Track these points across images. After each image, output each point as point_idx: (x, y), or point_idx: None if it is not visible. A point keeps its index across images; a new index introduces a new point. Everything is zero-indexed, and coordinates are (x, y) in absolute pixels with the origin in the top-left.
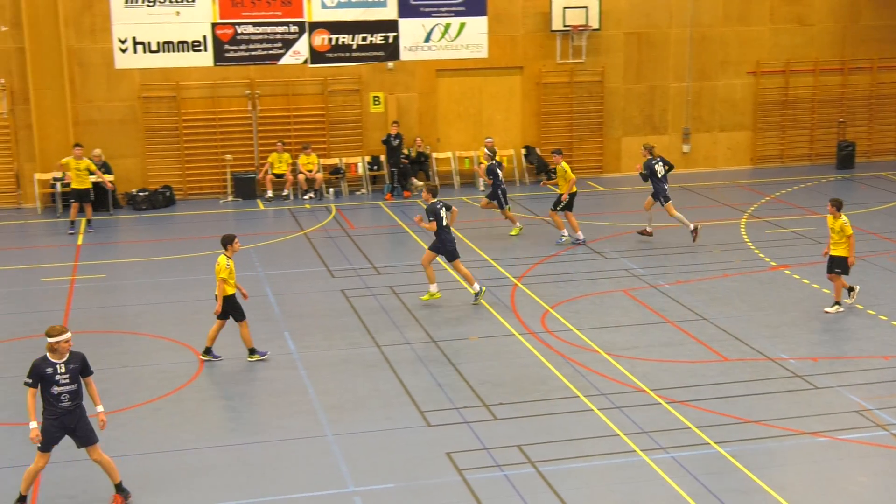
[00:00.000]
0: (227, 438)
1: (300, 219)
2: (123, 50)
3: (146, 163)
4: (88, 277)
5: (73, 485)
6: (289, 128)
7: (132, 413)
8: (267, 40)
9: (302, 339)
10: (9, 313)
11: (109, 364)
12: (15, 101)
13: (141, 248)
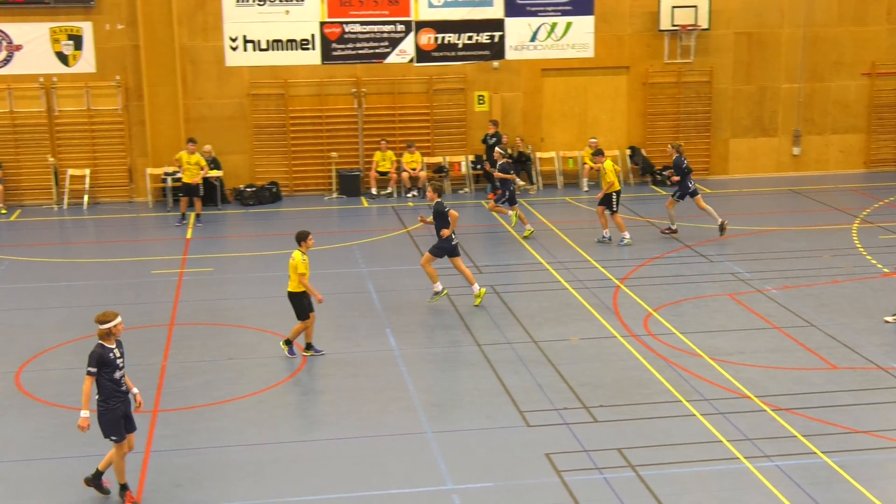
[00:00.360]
0: (327, 432)
1: (403, 216)
2: (234, 48)
3: (254, 159)
4: (196, 271)
5: (179, 473)
6: (393, 126)
7: (236, 405)
8: (374, 39)
9: (403, 336)
10: (120, 304)
11: (215, 356)
12: (129, 97)
13: (247, 243)
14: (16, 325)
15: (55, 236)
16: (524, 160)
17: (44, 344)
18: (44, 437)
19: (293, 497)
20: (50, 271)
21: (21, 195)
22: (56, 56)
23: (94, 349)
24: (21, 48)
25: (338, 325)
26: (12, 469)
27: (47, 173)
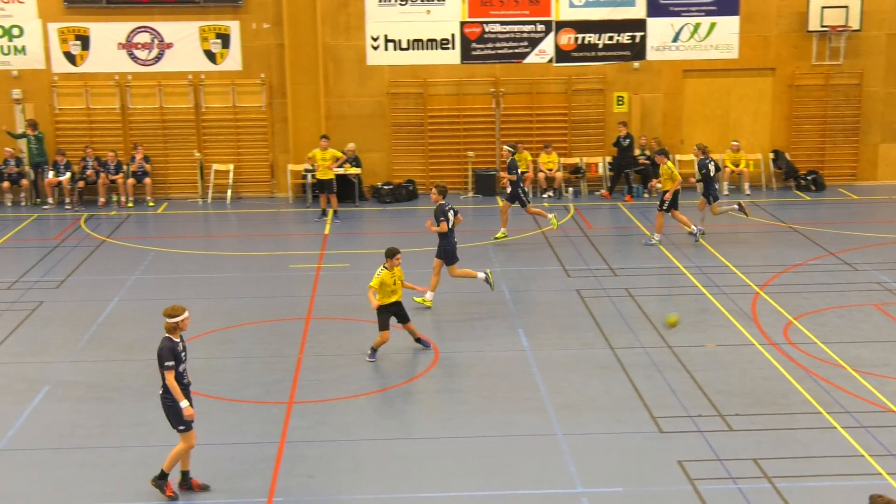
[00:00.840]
0: (457, 430)
1: (538, 217)
2: (375, 47)
3: (391, 157)
4: (333, 266)
5: (313, 464)
6: (531, 126)
7: (368, 399)
8: (513, 39)
9: (535, 336)
10: (259, 297)
11: (349, 350)
12: (273, 95)
13: (384, 240)
14: (160, 315)
15: (199, 229)
16: None
17: (186, 333)
18: None
19: (423, 493)
20: (193, 263)
21: (168, 189)
22: (204, 54)
23: (163, 343)
24: (171, 46)
25: (471, 324)
26: (155, 453)
27: (193, 168)
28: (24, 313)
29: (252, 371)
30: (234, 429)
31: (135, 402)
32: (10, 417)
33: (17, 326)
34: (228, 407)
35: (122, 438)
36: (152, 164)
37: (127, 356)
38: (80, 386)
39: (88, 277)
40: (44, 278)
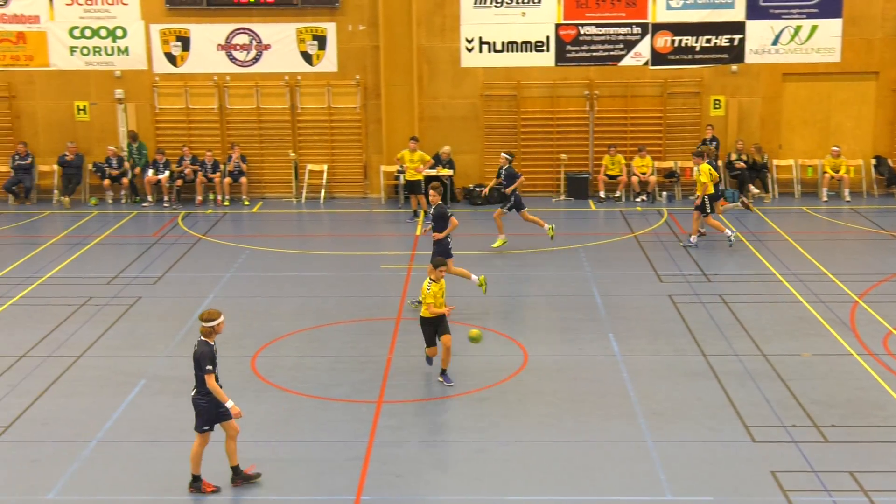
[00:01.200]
0: (545, 434)
1: (631, 221)
2: (469, 49)
3: (484, 159)
4: (424, 267)
5: (401, 464)
6: (625, 129)
7: (458, 400)
8: (609, 41)
9: (626, 341)
10: (350, 296)
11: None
12: (367, 96)
13: (475, 242)
14: (253, 312)
15: (293, 228)
16: (759, 168)
17: (278, 331)
18: (275, 420)
19: (510, 496)
20: (286, 262)
21: (263, 188)
22: (301, 55)
23: (199, 347)
24: (269, 48)
25: (561, 327)
26: (246, 448)
27: (288, 168)
28: (122, 308)
29: (342, 370)
30: (324, 427)
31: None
32: (108, 410)
33: (116, 321)
34: (318, 405)
35: (214, 433)
36: (248, 163)
37: (221, 352)
38: (176, 380)
39: (185, 274)
40: (142, 274)
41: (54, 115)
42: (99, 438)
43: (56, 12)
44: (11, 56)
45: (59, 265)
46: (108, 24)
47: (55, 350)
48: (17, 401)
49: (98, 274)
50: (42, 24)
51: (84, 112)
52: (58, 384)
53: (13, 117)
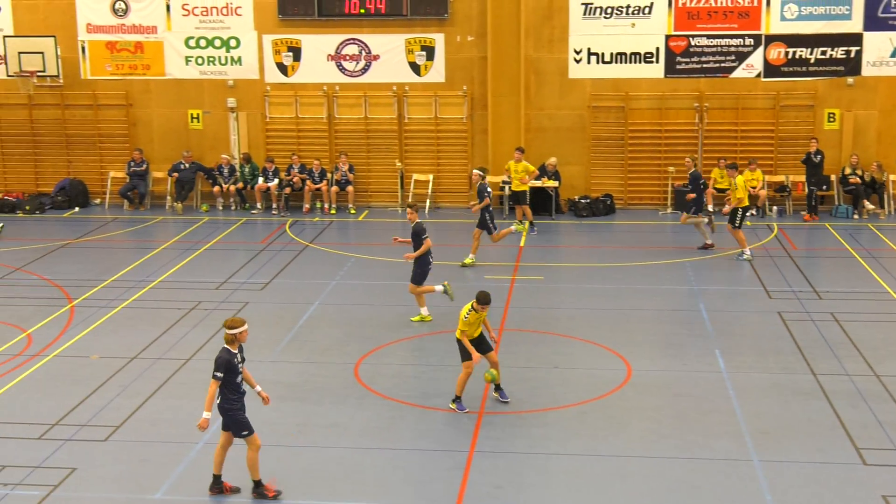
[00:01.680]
0: (648, 450)
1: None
2: (577, 60)
3: (590, 171)
4: (527, 278)
5: (501, 475)
6: (735, 142)
7: (559, 413)
8: (720, 53)
9: (733, 358)
10: (450, 305)
11: (540, 363)
12: (474, 107)
13: (579, 254)
14: (358, 320)
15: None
16: (875, 184)
17: (382, 339)
18: (377, 428)
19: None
20: (390, 270)
21: (369, 197)
22: (409, 66)
23: (220, 354)
24: (378, 58)
25: (666, 342)
26: (347, 454)
27: (394, 177)
28: (230, 313)
29: (444, 379)
30: (424, 435)
31: (330, 404)
32: (215, 413)
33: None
34: (420, 414)
35: (317, 438)
36: (355, 172)
37: (325, 359)
38: (280, 385)
39: (291, 281)
40: (250, 280)
41: (169, 123)
42: (205, 440)
43: (173, 23)
44: (130, 65)
45: (171, 270)
46: (222, 35)
47: (165, 353)
48: (127, 401)
49: (207, 279)
50: (159, 35)
51: (197, 120)
52: (167, 386)
53: (130, 125)
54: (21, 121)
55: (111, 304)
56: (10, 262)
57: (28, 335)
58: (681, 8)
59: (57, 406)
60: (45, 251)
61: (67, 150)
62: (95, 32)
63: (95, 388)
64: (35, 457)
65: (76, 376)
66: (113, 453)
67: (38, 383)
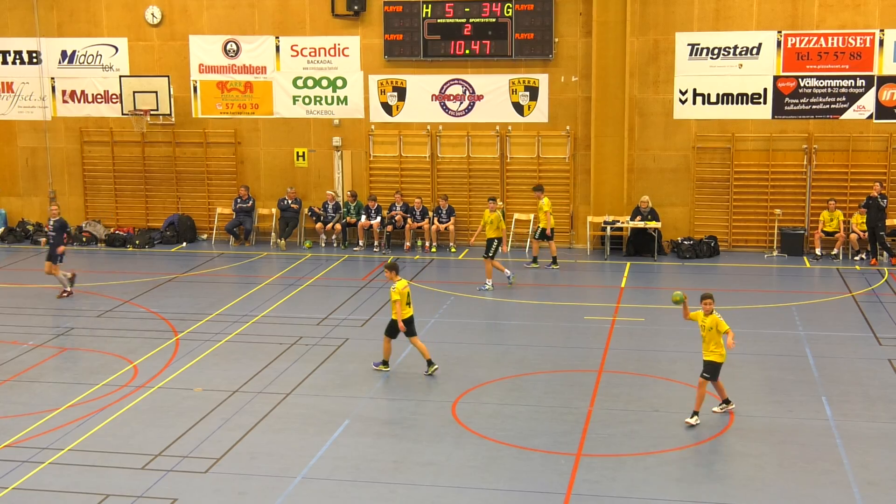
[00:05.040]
0: (751, 498)
1: (849, 280)
2: (683, 101)
3: (694, 212)
4: (628, 319)
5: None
6: (845, 184)
7: (658, 458)
8: (830, 94)
9: (840, 406)
10: (552, 346)
11: (640, 406)
12: (577, 146)
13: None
14: (456, 358)
15: (497, 276)
16: None
17: (480, 378)
18: (473, 467)
19: None
20: (490, 309)
21: (470, 236)
22: (513, 106)
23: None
24: (482, 98)
25: (770, 388)
26: (444, 493)
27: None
28: (330, 349)
29: (541, 420)
30: (521, 476)
31: (427, 442)
32: (313, 448)
33: (324, 361)
34: (517, 454)
35: (413, 476)
36: (456, 212)
37: (423, 396)
38: (378, 422)
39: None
40: (350, 316)
41: (275, 160)
42: (303, 475)
43: (282, 63)
44: (239, 104)
45: (273, 305)
46: (329, 75)
47: (266, 387)
48: (228, 434)
49: (309, 315)
50: (268, 75)
51: (303, 158)
52: (267, 420)
53: (238, 162)
54: (134, 158)
55: (215, 337)
56: (119, 295)
57: (134, 367)
58: (790, 49)
59: (160, 437)
60: (153, 285)
61: (177, 187)
62: (207, 72)
63: (198, 420)
64: (138, 486)
65: (180, 408)
66: (213, 485)
67: (142, 414)
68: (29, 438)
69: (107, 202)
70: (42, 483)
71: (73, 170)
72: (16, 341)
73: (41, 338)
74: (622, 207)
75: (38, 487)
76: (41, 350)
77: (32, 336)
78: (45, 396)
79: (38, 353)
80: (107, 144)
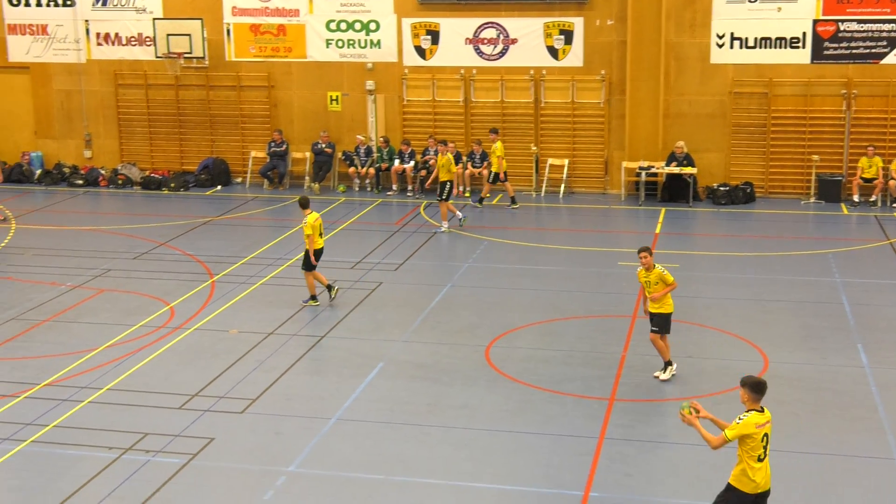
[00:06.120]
0: (785, 444)
1: (887, 227)
2: (720, 45)
3: (729, 158)
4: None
5: (631, 463)
6: (884, 130)
7: None
8: (871, 38)
9: (876, 353)
10: (585, 292)
11: (674, 352)
12: (612, 91)
13: (716, 242)
14: (488, 303)
15: (531, 221)
16: None
17: (512, 322)
18: (506, 411)
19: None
20: (523, 254)
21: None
22: (547, 50)
23: None
24: (516, 42)
25: (806, 335)
26: (476, 436)
27: (529, 161)
28: (364, 293)
29: (574, 364)
30: (554, 420)
31: (461, 386)
32: (347, 390)
33: (357, 305)
34: (550, 398)
35: (446, 419)
36: (488, 160)
37: (456, 340)
38: (411, 365)
39: (425, 262)
40: (384, 261)
41: (309, 104)
42: (338, 416)
43: (315, 6)
44: (272, 48)
45: None
46: (362, 18)
47: (300, 329)
48: (263, 376)
49: (343, 258)
50: (301, 18)
51: (336, 102)
52: (301, 362)
53: (271, 106)
54: (168, 101)
55: (250, 280)
56: (155, 238)
57: (171, 308)
58: None
59: (197, 378)
60: (188, 227)
61: (211, 130)
62: (240, 15)
63: (233, 361)
64: (175, 426)
65: (215, 349)
66: (249, 425)
67: (179, 355)
68: (69, 377)
69: (142, 145)
70: (82, 421)
71: (108, 113)
72: (54, 282)
73: (79, 279)
74: (657, 153)
75: (79, 425)
76: (79, 291)
77: (70, 277)
78: (84, 336)
79: (76, 293)
80: (141, 87)
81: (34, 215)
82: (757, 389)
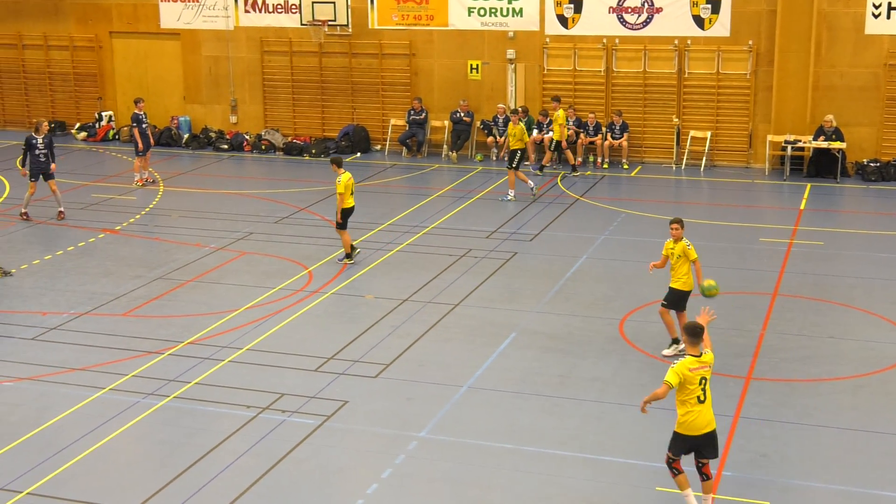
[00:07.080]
0: None
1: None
2: (876, 15)
3: (882, 133)
4: (806, 243)
5: (767, 443)
6: None
7: (832, 385)
8: None
9: None
10: (725, 268)
11: (814, 332)
12: (759, 62)
13: (864, 220)
14: (624, 275)
15: (670, 194)
16: None
17: (647, 296)
18: (639, 385)
19: (884, 491)
20: (661, 228)
21: (643, 153)
22: (693, 19)
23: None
24: (661, 11)
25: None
26: (608, 410)
27: (670, 133)
28: (498, 262)
29: (713, 342)
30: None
31: (594, 358)
32: (480, 359)
33: (492, 274)
34: None
35: (578, 391)
36: (630, 128)
37: (590, 313)
38: (544, 336)
39: (560, 233)
40: (519, 231)
41: (449, 73)
42: (469, 384)
43: None
44: (415, 16)
45: (444, 217)
46: None
47: (435, 297)
48: (397, 342)
49: (478, 228)
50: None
51: (476, 71)
52: (435, 329)
53: (412, 74)
54: (311, 68)
55: (387, 247)
56: (296, 203)
57: (309, 272)
58: None
59: (332, 341)
60: (328, 193)
61: (352, 98)
62: None
63: (368, 326)
64: (311, 387)
65: (351, 314)
66: (382, 390)
67: (316, 319)
68: (210, 337)
69: (285, 111)
70: (222, 379)
71: (254, 79)
72: (199, 244)
73: (222, 241)
74: (804, 126)
75: (218, 383)
76: (222, 253)
77: (214, 239)
78: (226, 297)
79: (219, 255)
80: (286, 54)
81: (181, 178)
82: (692, 333)
